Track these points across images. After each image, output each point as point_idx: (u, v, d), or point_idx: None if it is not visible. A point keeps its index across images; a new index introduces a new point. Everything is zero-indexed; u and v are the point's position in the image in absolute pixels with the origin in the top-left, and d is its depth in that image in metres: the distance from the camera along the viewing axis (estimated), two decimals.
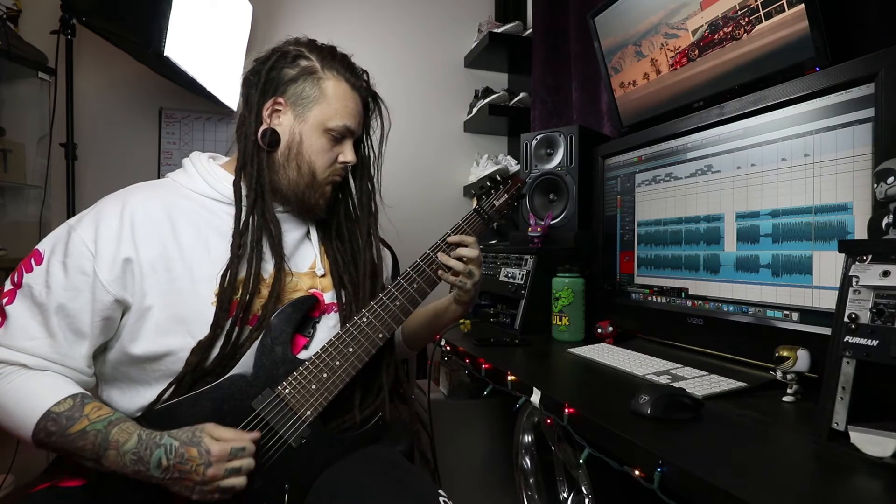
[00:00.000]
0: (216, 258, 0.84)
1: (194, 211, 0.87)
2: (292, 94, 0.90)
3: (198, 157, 0.93)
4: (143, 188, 0.88)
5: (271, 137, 0.89)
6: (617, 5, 1.47)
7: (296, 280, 0.91)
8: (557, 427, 0.92)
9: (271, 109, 0.90)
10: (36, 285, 0.78)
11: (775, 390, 0.90)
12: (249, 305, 0.84)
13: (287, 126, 0.90)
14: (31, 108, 1.96)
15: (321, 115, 0.90)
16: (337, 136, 0.92)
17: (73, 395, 0.75)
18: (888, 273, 0.64)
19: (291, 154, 0.90)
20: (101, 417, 0.74)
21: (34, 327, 0.77)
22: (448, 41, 2.68)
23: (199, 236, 0.85)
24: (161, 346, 0.80)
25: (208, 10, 1.94)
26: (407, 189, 2.57)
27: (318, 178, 0.92)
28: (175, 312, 0.80)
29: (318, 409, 0.84)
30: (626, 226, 1.42)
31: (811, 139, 0.95)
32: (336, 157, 0.93)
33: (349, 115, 0.92)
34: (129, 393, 0.83)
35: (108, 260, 0.78)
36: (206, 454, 0.72)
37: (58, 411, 0.73)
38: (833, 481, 0.60)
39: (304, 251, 0.96)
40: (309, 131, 0.90)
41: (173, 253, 0.82)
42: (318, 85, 0.90)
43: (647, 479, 0.67)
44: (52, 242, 0.81)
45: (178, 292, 0.81)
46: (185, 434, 0.74)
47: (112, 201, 0.84)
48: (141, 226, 0.81)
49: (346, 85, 0.92)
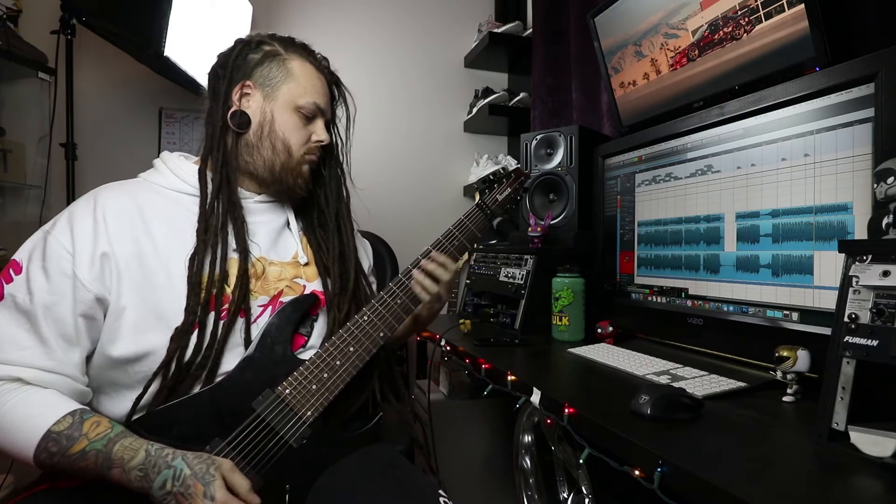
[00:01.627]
0: (191, 252, 0.83)
1: (167, 207, 0.86)
2: (259, 76, 0.91)
3: (168, 156, 0.93)
4: (112, 187, 0.87)
5: (241, 119, 0.89)
6: (617, 5, 1.47)
7: (279, 270, 0.91)
8: (557, 427, 0.92)
9: (240, 93, 0.90)
10: (18, 293, 0.76)
11: (775, 390, 0.90)
12: (221, 291, 0.83)
13: (257, 107, 0.90)
14: (31, 108, 1.96)
15: (290, 94, 0.91)
16: (308, 114, 0.92)
17: (71, 413, 0.73)
18: (888, 273, 0.64)
19: (264, 133, 0.90)
20: (99, 435, 0.72)
21: (23, 336, 0.75)
22: (448, 41, 2.68)
23: (173, 232, 0.84)
24: (140, 346, 0.78)
25: (208, 10, 1.94)
26: (407, 189, 2.57)
27: (294, 157, 0.92)
28: (152, 309, 0.79)
29: (319, 410, 0.84)
30: (626, 226, 1.41)
31: (811, 139, 0.95)
32: (309, 136, 0.93)
33: (317, 93, 0.93)
34: (117, 398, 0.82)
35: (86, 258, 0.77)
36: (211, 501, 0.69)
37: (58, 430, 0.71)
38: (833, 481, 0.60)
39: (285, 240, 0.96)
40: (280, 109, 0.91)
41: (147, 249, 0.81)
42: (283, 65, 0.92)
43: (647, 479, 0.67)
44: (28, 250, 0.79)
45: (154, 288, 0.80)
46: (199, 466, 0.71)
47: (82, 203, 0.83)
48: (113, 222, 0.81)
49: (310, 66, 0.94)
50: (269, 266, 0.90)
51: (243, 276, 0.85)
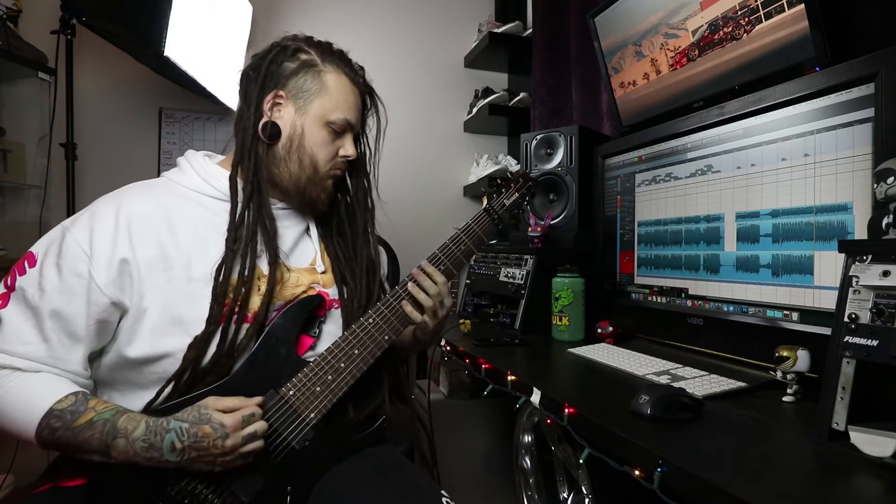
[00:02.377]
0: (214, 257, 0.83)
1: (192, 209, 0.86)
2: (293, 86, 0.89)
3: (193, 156, 0.92)
4: (138, 188, 0.87)
5: (272, 130, 0.88)
6: (617, 5, 1.47)
7: (296, 276, 0.90)
8: (557, 427, 0.92)
9: (272, 103, 0.89)
10: (29, 288, 0.77)
11: (775, 390, 0.90)
12: (246, 302, 0.83)
13: (288, 119, 0.89)
14: (31, 108, 1.96)
15: (322, 108, 0.90)
16: (338, 129, 0.91)
17: (73, 393, 0.75)
18: (888, 273, 0.64)
19: (293, 147, 0.89)
20: (107, 408, 0.74)
21: (28, 331, 0.76)
22: (448, 41, 2.68)
23: (196, 235, 0.84)
24: (158, 349, 0.79)
25: (208, 9, 1.94)
26: (407, 189, 2.57)
27: (320, 172, 0.91)
28: (172, 313, 0.79)
29: (323, 412, 0.83)
30: (626, 226, 1.41)
31: (811, 139, 0.95)
32: (337, 151, 0.93)
33: (350, 108, 0.92)
34: (130, 395, 0.82)
35: (104, 261, 0.77)
36: (221, 427, 0.72)
37: (60, 408, 0.72)
38: (833, 481, 0.60)
39: (304, 247, 0.95)
40: (310, 124, 0.90)
41: (171, 252, 0.81)
42: (318, 78, 0.90)
43: (647, 479, 0.67)
44: (45, 244, 0.80)
45: (176, 293, 0.80)
46: (191, 414, 0.74)
47: (107, 202, 0.83)
48: (138, 226, 0.80)
49: (346, 78, 0.92)
50: (287, 272, 0.90)
51: (271, 290, 0.85)
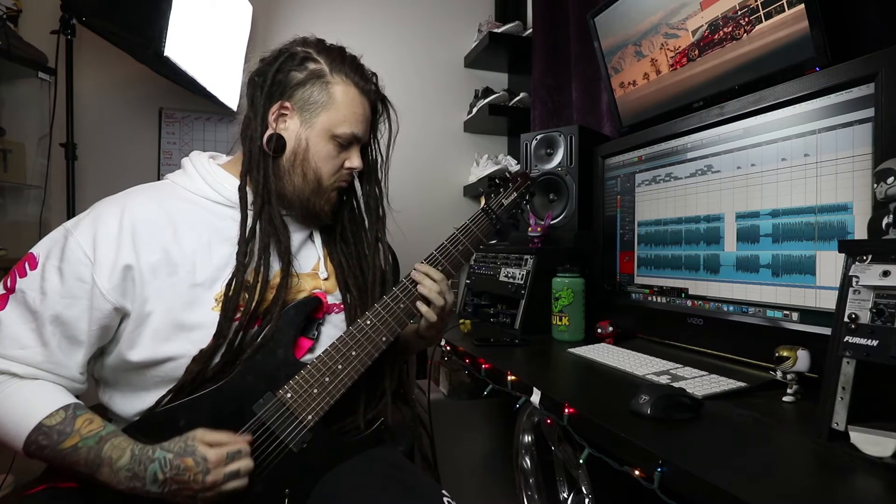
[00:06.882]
0: (218, 262, 0.82)
1: (196, 214, 0.85)
2: (299, 98, 0.87)
3: (198, 158, 0.91)
4: (142, 191, 0.86)
5: (277, 143, 0.87)
6: (617, 5, 1.47)
7: (299, 281, 0.90)
8: (557, 427, 0.92)
9: (277, 113, 0.87)
10: (30, 291, 0.75)
11: (775, 390, 0.90)
12: (255, 312, 0.82)
13: (293, 132, 0.88)
14: (31, 108, 1.96)
15: (329, 122, 0.88)
16: (344, 142, 0.90)
17: (64, 407, 0.73)
18: (888, 273, 0.64)
19: (297, 160, 0.88)
20: (92, 433, 0.72)
21: (26, 335, 0.75)
22: (448, 41, 2.68)
23: (200, 240, 0.83)
24: (160, 353, 0.78)
25: (208, 10, 1.94)
26: (407, 189, 2.57)
27: (324, 185, 0.90)
28: (175, 318, 0.78)
29: (320, 414, 0.83)
30: (626, 226, 1.41)
31: (811, 139, 0.95)
32: (342, 164, 0.92)
33: (357, 121, 0.90)
34: (131, 397, 0.82)
35: (107, 267, 0.76)
36: (203, 461, 0.71)
37: (49, 424, 0.71)
38: (833, 481, 0.60)
39: (307, 253, 0.95)
40: (316, 137, 0.88)
41: (175, 257, 0.80)
42: (326, 90, 0.88)
43: (647, 479, 0.67)
44: (47, 246, 0.78)
45: (179, 297, 0.79)
46: (177, 445, 0.72)
47: (111, 205, 0.82)
48: (142, 231, 0.79)
49: (355, 90, 0.90)
50: (292, 278, 0.89)
51: (282, 299, 0.84)
